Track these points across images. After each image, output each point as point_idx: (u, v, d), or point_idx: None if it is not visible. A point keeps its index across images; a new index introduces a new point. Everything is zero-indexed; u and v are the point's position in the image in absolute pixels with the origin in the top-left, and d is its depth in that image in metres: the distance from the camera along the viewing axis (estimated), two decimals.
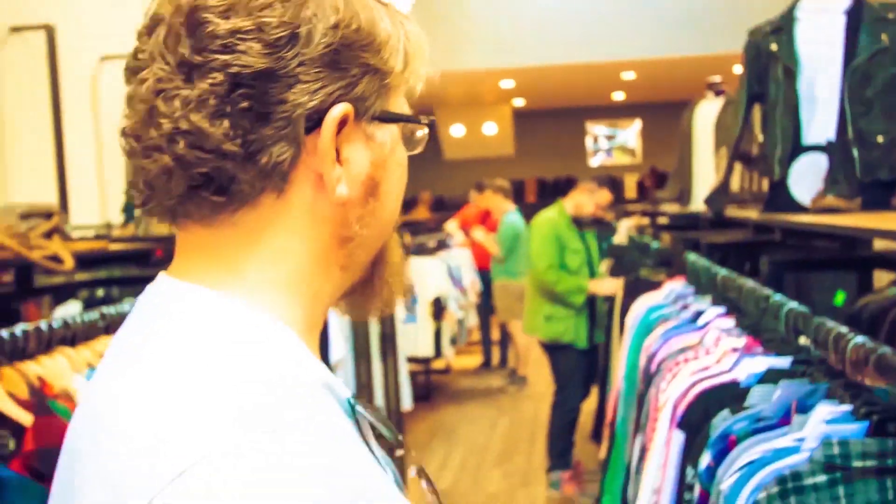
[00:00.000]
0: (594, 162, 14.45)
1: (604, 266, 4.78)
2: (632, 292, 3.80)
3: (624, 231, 5.99)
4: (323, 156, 0.62)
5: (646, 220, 6.14)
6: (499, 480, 4.71)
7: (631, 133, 14.45)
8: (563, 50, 8.91)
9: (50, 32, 5.28)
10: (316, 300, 0.67)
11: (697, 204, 4.12)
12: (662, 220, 5.91)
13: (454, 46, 8.62)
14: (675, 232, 4.80)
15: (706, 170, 4.16)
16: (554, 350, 4.35)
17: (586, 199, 4.39)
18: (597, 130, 14.53)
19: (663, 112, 13.61)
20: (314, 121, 0.61)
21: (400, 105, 0.68)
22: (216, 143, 0.59)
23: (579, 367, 4.35)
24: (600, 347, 4.40)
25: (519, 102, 12.93)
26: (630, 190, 13.44)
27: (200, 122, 0.59)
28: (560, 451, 4.23)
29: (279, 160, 0.61)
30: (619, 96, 12.90)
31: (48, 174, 5.16)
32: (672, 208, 4.52)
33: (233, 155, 0.60)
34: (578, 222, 4.41)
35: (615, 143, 14.56)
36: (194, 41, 0.59)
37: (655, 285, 3.65)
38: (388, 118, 0.66)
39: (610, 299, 4.27)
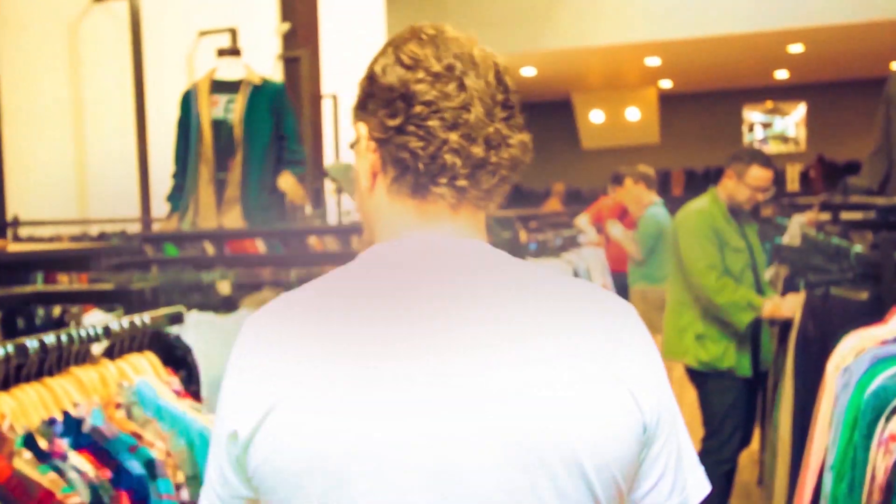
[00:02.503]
0: (758, 146, 12.97)
1: (768, 274, 3.69)
2: (818, 315, 2.75)
3: (797, 229, 4.84)
4: None
5: (825, 216, 4.96)
6: None
7: (790, 120, 12.89)
8: (718, 19, 7.71)
9: (134, 4, 4.75)
10: None
11: None
12: (851, 216, 4.73)
13: (591, 17, 7.62)
14: (879, 232, 3.68)
15: None
16: (706, 379, 3.27)
17: (738, 185, 3.28)
18: (752, 117, 13.05)
19: (833, 93, 12.02)
20: None
21: None
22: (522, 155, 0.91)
23: (738, 402, 3.27)
24: (767, 379, 3.36)
25: (666, 84, 11.71)
26: (792, 182, 11.92)
27: (519, 138, 0.90)
28: None
29: None
30: (781, 75, 11.42)
31: (130, 155, 4.63)
32: (872, 200, 3.40)
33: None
34: (737, 214, 3.34)
35: (771, 132, 13.02)
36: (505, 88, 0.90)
37: (859, 308, 2.60)
38: None
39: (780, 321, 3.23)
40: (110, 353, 1.55)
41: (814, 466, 1.92)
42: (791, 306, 3.01)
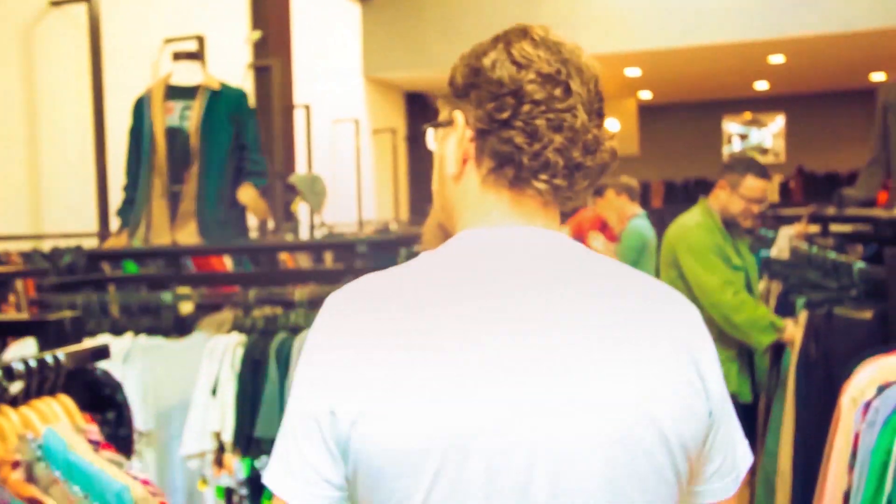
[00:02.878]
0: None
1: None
2: (821, 336, 2.56)
3: (785, 242, 4.67)
4: None
5: (815, 228, 4.80)
6: None
7: (767, 132, 12.81)
8: (698, 29, 7.58)
9: (94, 9, 4.51)
10: None
11: None
12: (840, 228, 4.57)
13: (570, 26, 7.46)
14: (869, 244, 3.50)
15: None
16: None
17: (731, 196, 3.06)
18: (731, 129, 12.96)
19: (813, 105, 11.96)
20: None
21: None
22: (611, 161, 0.94)
23: None
24: (760, 403, 3.16)
25: (645, 95, 11.60)
26: (772, 193, 11.83)
27: (609, 145, 0.93)
28: None
29: None
30: (761, 86, 11.34)
31: (88, 165, 4.38)
32: (869, 212, 3.22)
33: None
34: (729, 228, 3.13)
35: (748, 144, 12.94)
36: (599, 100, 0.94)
37: (864, 328, 2.41)
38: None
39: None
40: (25, 396, 1.32)
41: None
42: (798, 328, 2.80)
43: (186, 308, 2.98)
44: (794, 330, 2.85)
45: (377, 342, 0.83)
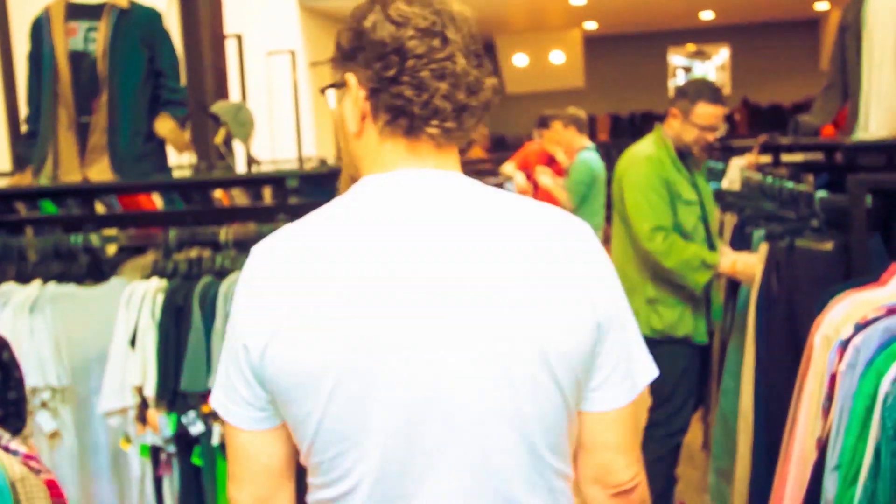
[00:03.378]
0: None
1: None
2: (782, 270, 2.44)
3: (736, 173, 4.58)
4: None
5: (765, 158, 4.70)
6: None
7: (711, 65, 12.73)
8: None
9: None
10: None
11: (873, 130, 2.74)
12: (791, 158, 4.47)
13: None
14: (820, 174, 3.39)
15: (889, 82, 2.77)
16: (656, 346, 2.71)
17: (684, 125, 2.85)
18: (675, 61, 12.84)
19: (758, 35, 11.88)
20: None
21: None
22: (493, 96, 1.04)
23: (691, 368, 2.91)
24: (714, 337, 3.06)
25: (590, 26, 11.36)
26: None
27: (490, 82, 1.02)
28: (660, 493, 2.92)
29: None
30: (707, 16, 11.19)
31: None
32: (828, 140, 3.10)
33: None
34: (684, 158, 2.94)
35: (691, 77, 12.84)
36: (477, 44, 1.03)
37: (825, 260, 2.29)
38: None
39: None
40: None
41: (799, 456, 1.60)
42: (750, 260, 2.68)
43: (110, 250, 2.73)
44: (729, 263, 2.73)
45: (284, 283, 0.95)
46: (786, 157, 4.63)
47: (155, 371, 2.19)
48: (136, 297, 2.24)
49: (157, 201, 4.17)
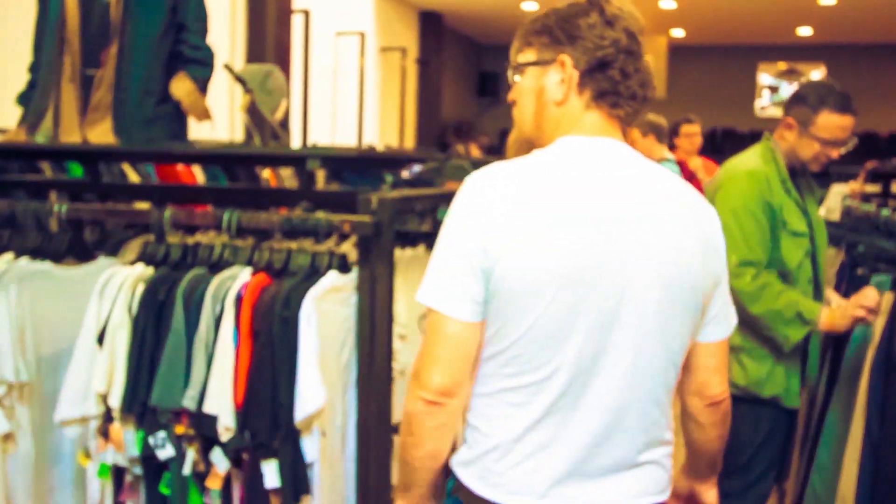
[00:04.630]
0: (764, 111, 12.07)
1: None
2: None
3: (836, 201, 4.03)
4: None
5: (872, 187, 4.15)
6: None
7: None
8: None
9: None
10: None
11: None
12: None
13: None
14: None
15: None
16: (737, 404, 2.24)
17: (801, 137, 2.29)
18: (762, 80, 12.14)
19: (857, 57, 11.12)
20: None
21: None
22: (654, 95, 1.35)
23: (776, 432, 2.37)
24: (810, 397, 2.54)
25: (678, 33, 10.77)
26: None
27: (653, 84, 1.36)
28: None
29: None
30: (804, 32, 10.49)
31: None
32: None
33: None
34: (795, 177, 2.38)
35: (777, 98, 12.13)
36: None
37: None
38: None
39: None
40: None
41: None
42: (851, 309, 2.15)
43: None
44: (829, 318, 2.20)
45: (517, 205, 1.22)
46: None
47: (123, 377, 1.81)
48: (113, 285, 1.86)
49: (199, 175, 3.83)
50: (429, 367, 1.23)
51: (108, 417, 1.85)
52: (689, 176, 5.01)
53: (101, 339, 1.83)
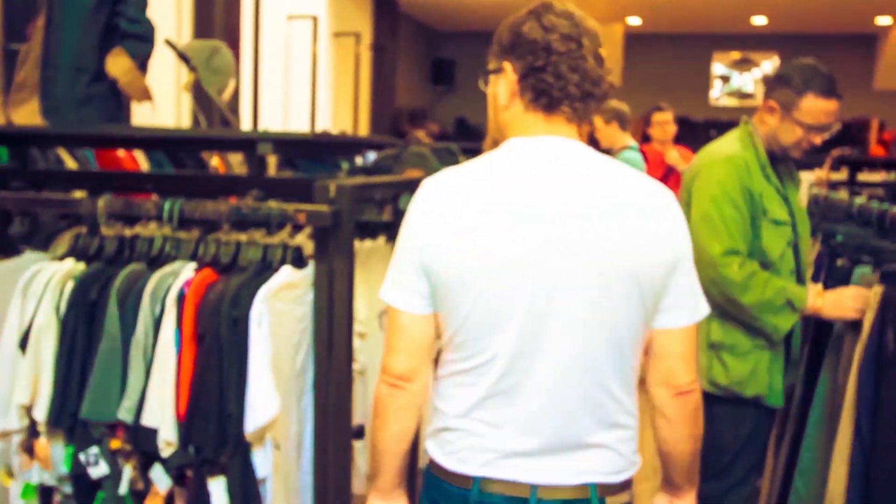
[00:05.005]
0: (717, 100, 12.10)
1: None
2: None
3: (804, 190, 3.97)
4: None
5: (838, 175, 4.10)
6: None
7: (750, 77, 12.05)
8: None
9: None
10: None
11: None
12: (869, 178, 3.87)
13: None
14: None
15: None
16: (716, 404, 2.16)
17: (783, 121, 2.19)
18: (715, 69, 12.16)
19: (811, 47, 11.18)
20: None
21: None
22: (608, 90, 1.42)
23: (758, 433, 2.26)
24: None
25: (634, 21, 10.71)
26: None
27: (608, 80, 1.40)
28: None
29: None
30: (759, 21, 10.52)
31: None
32: None
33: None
34: (775, 163, 2.26)
35: (728, 89, 12.18)
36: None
37: None
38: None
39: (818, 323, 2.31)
40: None
41: None
42: (849, 303, 2.06)
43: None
44: (817, 302, 2.10)
45: (455, 206, 1.32)
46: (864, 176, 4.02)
47: (50, 387, 1.62)
48: (39, 283, 1.67)
49: (142, 161, 3.60)
50: (389, 355, 1.38)
51: (33, 432, 1.66)
52: (664, 168, 4.90)
53: (23, 344, 1.63)
